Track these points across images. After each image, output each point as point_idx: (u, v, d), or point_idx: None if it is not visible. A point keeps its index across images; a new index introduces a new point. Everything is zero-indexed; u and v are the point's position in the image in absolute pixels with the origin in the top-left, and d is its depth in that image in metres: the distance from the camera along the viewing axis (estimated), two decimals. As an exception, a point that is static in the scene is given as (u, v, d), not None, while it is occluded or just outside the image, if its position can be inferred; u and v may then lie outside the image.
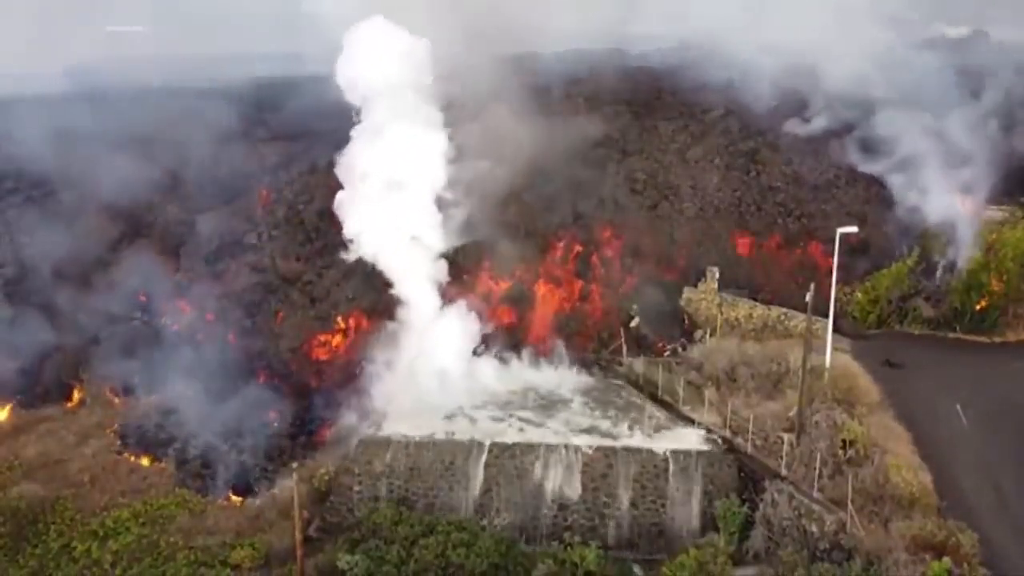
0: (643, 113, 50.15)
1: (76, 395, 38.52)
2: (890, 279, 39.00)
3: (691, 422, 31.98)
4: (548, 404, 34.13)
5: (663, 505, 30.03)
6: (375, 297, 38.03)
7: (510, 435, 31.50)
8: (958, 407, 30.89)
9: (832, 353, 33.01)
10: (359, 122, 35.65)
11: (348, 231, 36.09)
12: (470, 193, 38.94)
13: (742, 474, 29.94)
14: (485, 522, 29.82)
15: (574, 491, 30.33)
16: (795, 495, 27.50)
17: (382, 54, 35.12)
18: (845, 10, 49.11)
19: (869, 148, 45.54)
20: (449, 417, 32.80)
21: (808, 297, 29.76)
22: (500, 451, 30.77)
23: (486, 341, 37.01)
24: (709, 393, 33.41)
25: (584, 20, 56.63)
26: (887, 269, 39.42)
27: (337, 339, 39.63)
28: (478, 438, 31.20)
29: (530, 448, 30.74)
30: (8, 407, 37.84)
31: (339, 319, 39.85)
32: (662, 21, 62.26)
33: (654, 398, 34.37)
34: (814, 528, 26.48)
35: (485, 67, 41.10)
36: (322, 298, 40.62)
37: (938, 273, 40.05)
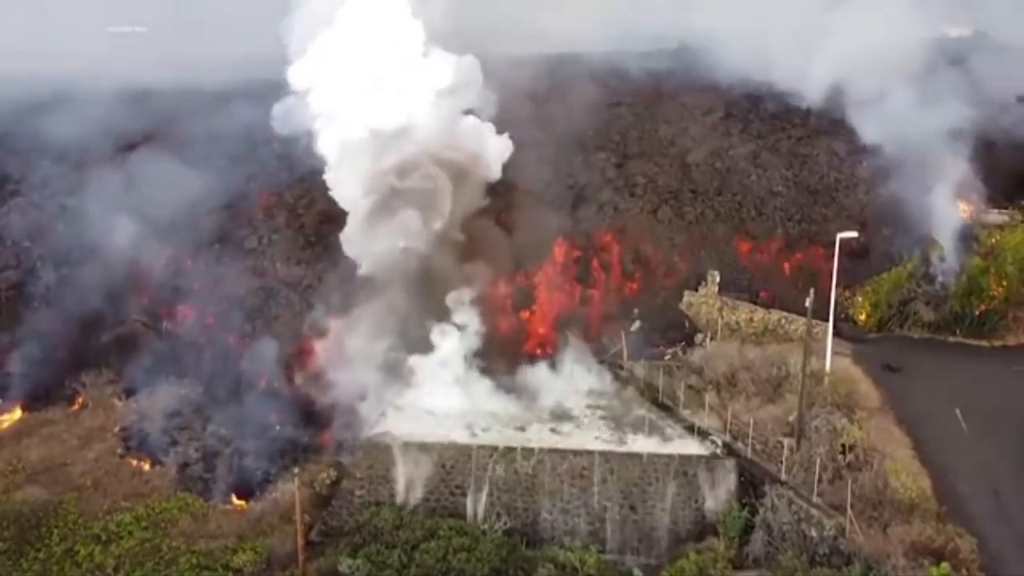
0: (643, 116, 50.24)
1: (78, 398, 38.57)
2: (890, 283, 39.10)
3: (691, 429, 32.05)
4: (548, 407, 34.24)
5: (664, 509, 30.14)
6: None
7: (511, 439, 31.59)
8: (958, 411, 30.98)
9: (832, 357, 33.13)
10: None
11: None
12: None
13: (742, 479, 30.04)
14: (486, 526, 29.91)
15: (574, 494, 30.44)
16: (795, 500, 27.62)
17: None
18: (845, 9, 49.08)
19: (869, 151, 45.61)
20: (450, 420, 32.89)
21: (808, 302, 29.92)
22: (501, 455, 30.87)
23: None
24: (709, 397, 33.51)
25: (583, 21, 56.58)
26: (887, 273, 39.52)
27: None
28: (478, 442, 31.31)
29: (531, 452, 30.84)
30: (18, 409, 37.96)
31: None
32: (663, 21, 62.11)
33: (655, 402, 34.51)
34: (814, 533, 26.61)
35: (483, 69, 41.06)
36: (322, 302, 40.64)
37: (938, 277, 40.10)
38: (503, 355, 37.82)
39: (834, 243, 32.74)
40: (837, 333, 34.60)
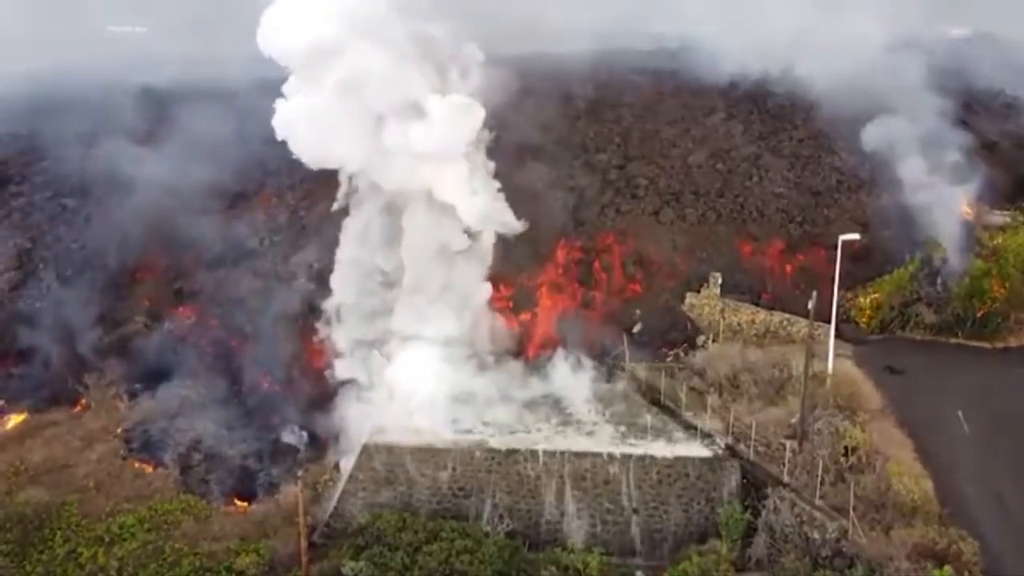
0: (644, 116, 50.18)
1: (81, 400, 38.62)
2: (892, 285, 39.11)
3: (694, 431, 32.06)
4: (550, 409, 34.26)
5: (666, 511, 30.16)
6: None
7: (512, 440, 31.61)
8: (960, 414, 31.00)
9: (834, 359, 33.14)
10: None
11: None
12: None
13: (744, 481, 30.05)
14: (488, 528, 29.93)
15: (575, 497, 30.46)
16: (797, 502, 27.64)
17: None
18: (846, 10, 49.14)
19: (870, 152, 45.59)
20: (452, 422, 32.90)
21: (810, 303, 29.93)
22: (503, 456, 30.88)
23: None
24: (711, 399, 33.52)
25: (583, 21, 56.55)
26: (889, 275, 39.52)
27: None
28: (481, 444, 31.31)
29: (532, 454, 30.84)
30: (22, 413, 38.05)
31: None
32: (664, 21, 62.16)
33: (657, 404, 34.53)
34: (816, 535, 26.63)
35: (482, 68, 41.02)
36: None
37: (940, 279, 40.08)
38: (505, 356, 37.95)
39: (836, 245, 32.74)
40: (839, 335, 34.61)
